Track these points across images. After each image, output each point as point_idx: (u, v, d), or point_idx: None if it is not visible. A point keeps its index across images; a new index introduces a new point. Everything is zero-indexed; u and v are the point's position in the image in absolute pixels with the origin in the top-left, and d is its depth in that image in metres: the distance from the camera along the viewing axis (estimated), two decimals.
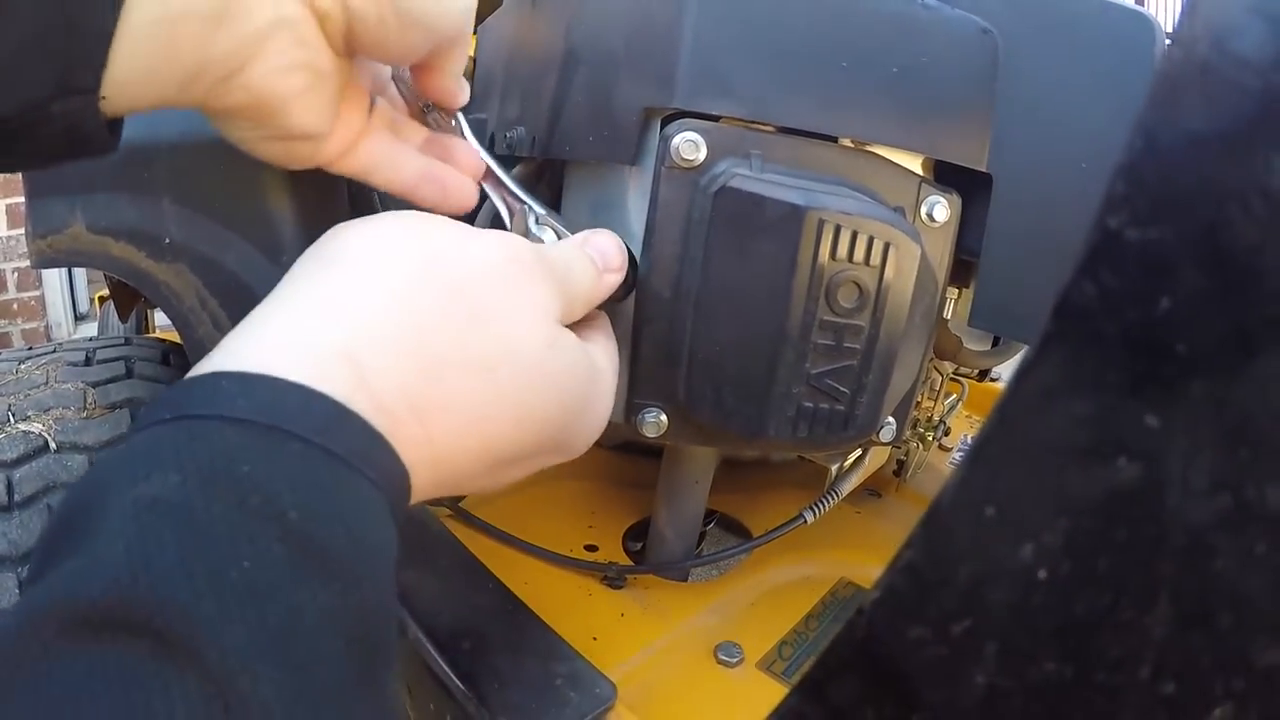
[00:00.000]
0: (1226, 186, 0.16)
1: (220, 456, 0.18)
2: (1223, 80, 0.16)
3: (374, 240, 0.25)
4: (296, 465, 0.19)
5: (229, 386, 0.20)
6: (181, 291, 0.54)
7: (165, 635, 0.16)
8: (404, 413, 0.23)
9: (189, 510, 0.17)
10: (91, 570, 0.16)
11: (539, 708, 0.38)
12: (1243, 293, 0.16)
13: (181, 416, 0.19)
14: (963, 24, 0.37)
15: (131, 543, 0.17)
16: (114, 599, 0.16)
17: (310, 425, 0.20)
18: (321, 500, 0.19)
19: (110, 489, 0.18)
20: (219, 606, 0.16)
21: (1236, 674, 0.16)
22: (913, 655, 0.18)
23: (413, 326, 0.23)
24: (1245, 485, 0.16)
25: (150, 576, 0.16)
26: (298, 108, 0.29)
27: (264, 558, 0.17)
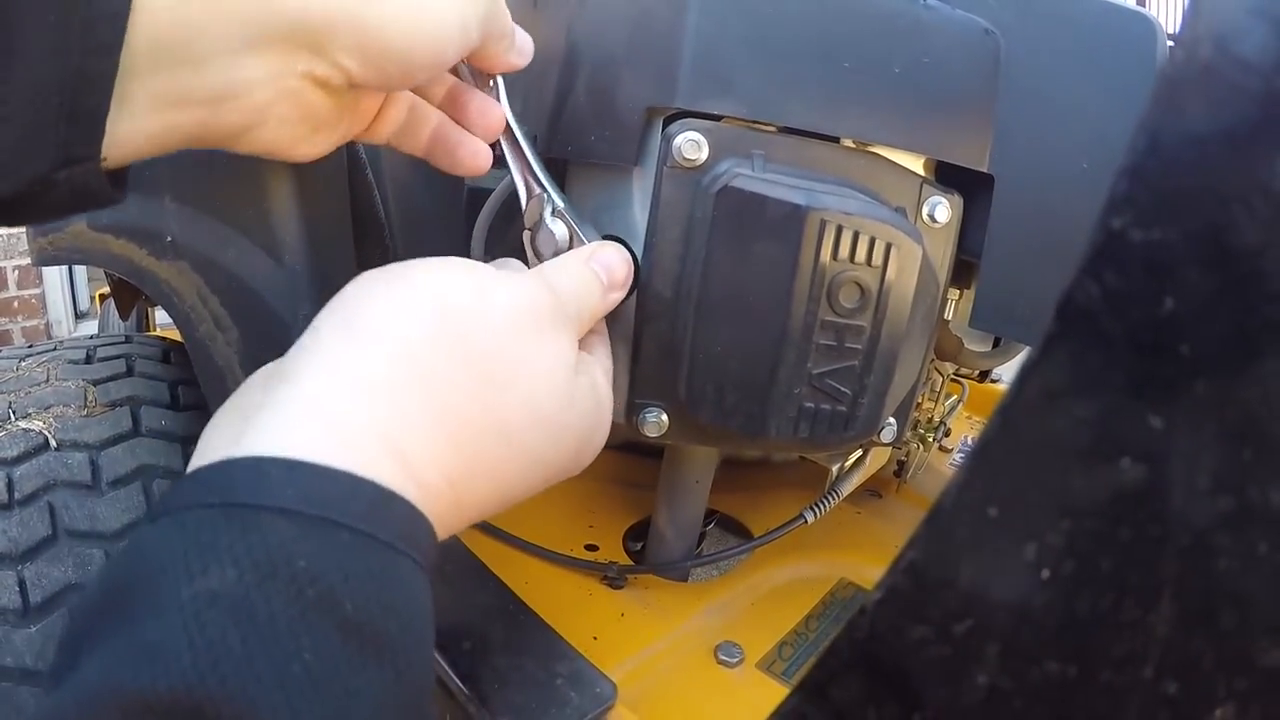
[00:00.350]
0: (1229, 187, 0.16)
1: (276, 550, 0.19)
2: (1225, 82, 0.16)
3: (395, 308, 0.25)
4: (347, 555, 0.20)
5: (276, 474, 0.21)
6: (182, 289, 0.54)
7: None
8: (438, 482, 0.24)
9: (249, 605, 0.18)
10: (155, 662, 0.17)
11: (539, 708, 0.38)
12: (1245, 294, 0.16)
13: (230, 504, 0.20)
14: (965, 24, 0.37)
15: (195, 638, 0.17)
16: (181, 692, 0.17)
17: (357, 513, 0.21)
18: (373, 589, 0.20)
19: (164, 576, 0.19)
20: (285, 698, 0.17)
21: (1239, 674, 0.16)
22: (915, 655, 0.18)
23: (441, 403, 0.24)
24: (1248, 486, 0.16)
25: (217, 671, 0.17)
26: (303, 148, 0.30)
27: (323, 649, 0.18)
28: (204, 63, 0.24)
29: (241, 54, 0.25)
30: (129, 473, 0.51)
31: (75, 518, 0.48)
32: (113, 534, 0.48)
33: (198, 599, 0.18)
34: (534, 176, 0.36)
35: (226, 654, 0.17)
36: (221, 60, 0.25)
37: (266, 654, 0.18)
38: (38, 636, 0.44)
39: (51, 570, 0.46)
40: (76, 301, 2.63)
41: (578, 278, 0.33)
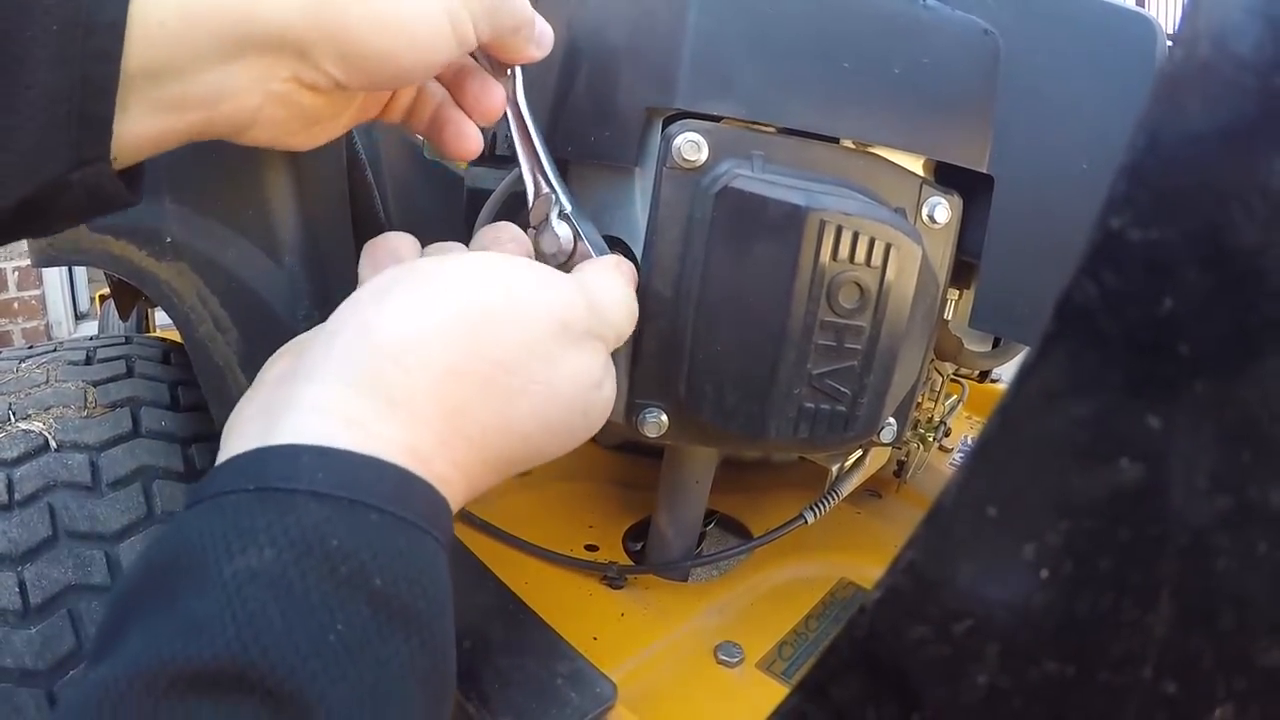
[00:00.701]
0: (1228, 187, 0.16)
1: (311, 531, 0.20)
2: (1224, 81, 0.16)
3: (415, 312, 0.26)
4: (376, 534, 0.21)
5: (307, 460, 0.22)
6: (182, 290, 0.54)
7: (276, 693, 0.18)
8: (449, 471, 0.25)
9: (287, 581, 0.20)
10: (200, 634, 0.18)
11: (539, 708, 0.38)
12: (1244, 293, 0.16)
13: (265, 489, 0.21)
14: (964, 25, 0.37)
15: (237, 611, 0.19)
16: (225, 661, 0.18)
17: (384, 494, 0.22)
18: (400, 565, 0.21)
19: (205, 556, 0.20)
20: (322, 666, 0.19)
21: (1238, 674, 0.16)
22: (914, 655, 0.18)
23: (462, 402, 0.25)
24: (1247, 485, 0.16)
25: (259, 643, 0.18)
26: (301, 139, 0.31)
27: (354, 620, 0.20)
28: (192, 72, 0.25)
29: (227, 63, 0.26)
30: (129, 474, 0.51)
31: (75, 518, 0.48)
32: (113, 535, 0.48)
33: (239, 576, 0.19)
34: (544, 175, 0.35)
35: (267, 626, 0.19)
36: (208, 70, 0.26)
37: (304, 626, 0.19)
38: (38, 637, 0.44)
39: (51, 571, 0.46)
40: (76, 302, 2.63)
41: (618, 293, 0.32)
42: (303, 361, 0.26)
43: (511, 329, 0.26)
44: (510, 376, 0.26)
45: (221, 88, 0.26)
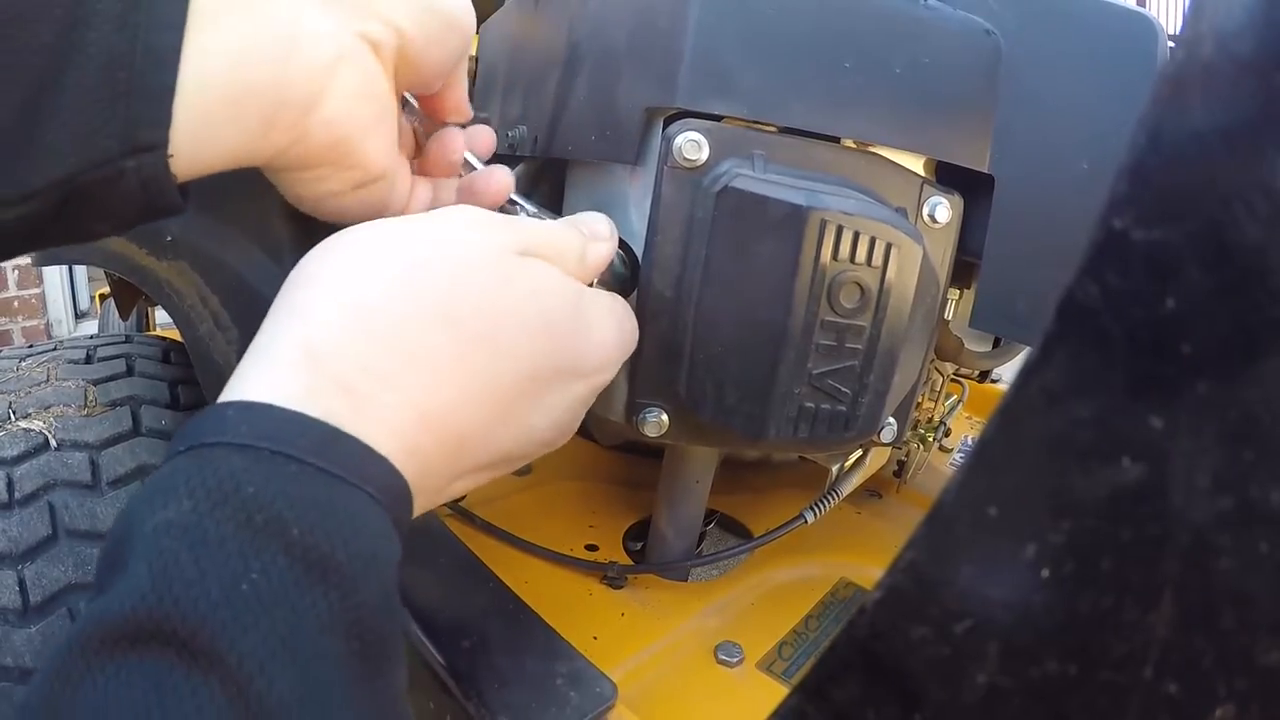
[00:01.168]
0: (1230, 187, 0.16)
1: (227, 480, 0.20)
2: (1225, 81, 0.16)
3: (354, 261, 0.25)
4: (295, 485, 0.21)
5: (233, 415, 0.22)
6: (182, 289, 0.54)
7: (189, 644, 0.18)
8: (404, 423, 0.24)
9: (202, 531, 0.19)
10: (123, 592, 0.18)
11: (539, 707, 0.38)
12: (1247, 293, 0.16)
13: (193, 446, 0.21)
14: (965, 25, 0.37)
15: (153, 564, 0.19)
16: (142, 614, 0.18)
17: (307, 447, 0.21)
18: (319, 516, 0.21)
19: (136, 520, 0.20)
20: (233, 615, 0.18)
21: (1239, 674, 0.16)
22: (915, 655, 0.18)
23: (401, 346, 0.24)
24: (1249, 486, 0.16)
25: (173, 592, 0.18)
26: (372, 141, 0.30)
27: (270, 570, 0.19)
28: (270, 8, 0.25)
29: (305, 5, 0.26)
30: (129, 472, 0.51)
31: (75, 517, 0.48)
32: None
33: (157, 530, 0.19)
34: (507, 200, 0.36)
35: (179, 575, 0.18)
36: (287, 8, 0.25)
37: (216, 574, 0.19)
38: (38, 636, 0.44)
39: (51, 570, 0.46)
40: (76, 301, 2.63)
41: (544, 224, 0.32)
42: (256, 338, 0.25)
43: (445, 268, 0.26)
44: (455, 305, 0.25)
45: (297, 28, 0.26)
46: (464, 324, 0.25)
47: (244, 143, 0.26)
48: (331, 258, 0.26)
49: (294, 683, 0.18)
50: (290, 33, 0.26)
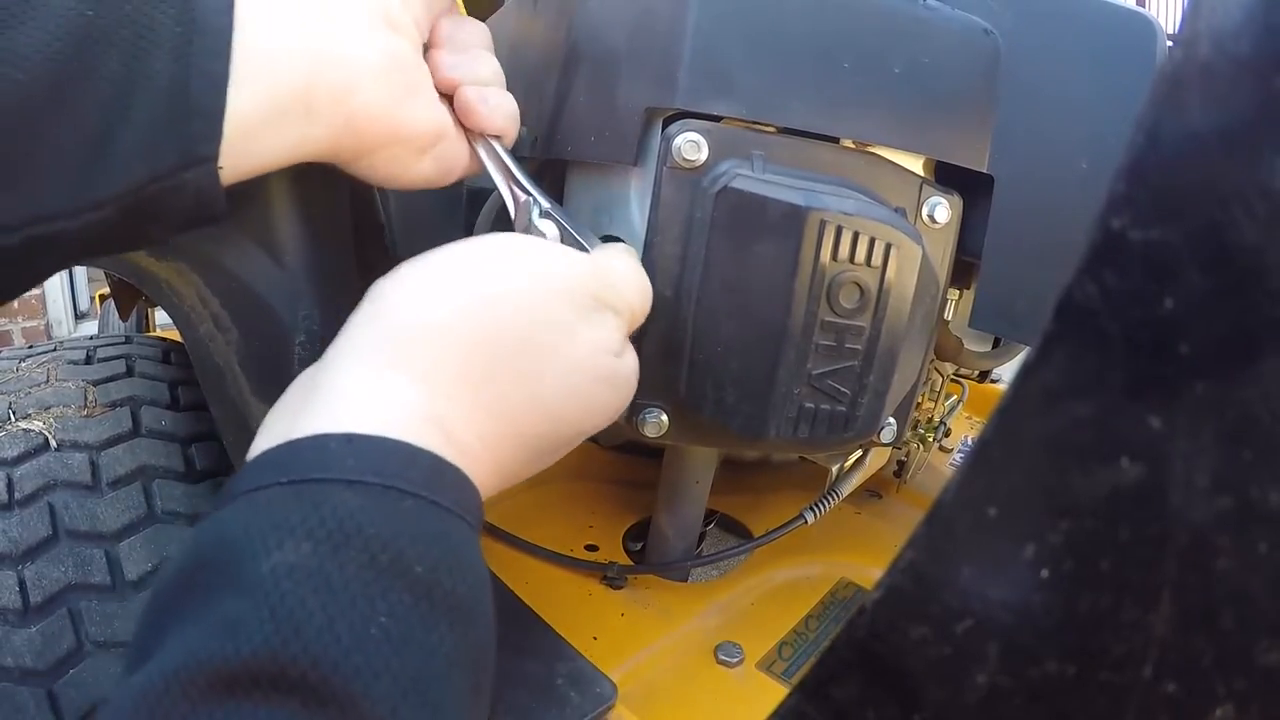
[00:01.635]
0: (1228, 187, 0.16)
1: (348, 521, 0.20)
2: (1224, 81, 0.16)
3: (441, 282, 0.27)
4: (412, 521, 0.21)
5: (337, 449, 0.22)
6: (182, 290, 0.54)
7: (319, 690, 0.18)
8: (478, 447, 0.25)
9: (326, 575, 0.19)
10: (236, 634, 0.18)
11: (539, 707, 0.38)
12: (1244, 293, 0.16)
13: (298, 480, 0.21)
14: (964, 25, 0.37)
15: (275, 608, 0.18)
16: (265, 659, 0.18)
17: (417, 480, 0.22)
18: (438, 550, 0.21)
19: (242, 554, 0.20)
20: (365, 660, 0.18)
21: (1238, 673, 0.16)
22: (914, 655, 0.18)
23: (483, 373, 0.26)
24: (1248, 485, 0.16)
25: (300, 638, 0.18)
26: (414, 108, 0.31)
27: (397, 610, 0.19)
28: (285, 14, 0.27)
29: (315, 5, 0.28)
30: (129, 473, 0.51)
31: (75, 518, 0.48)
32: (113, 534, 0.48)
33: (276, 571, 0.19)
34: (516, 182, 0.36)
35: (307, 621, 0.18)
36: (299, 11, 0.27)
37: (345, 619, 0.19)
38: (38, 636, 0.44)
39: (51, 570, 0.46)
40: (76, 302, 2.63)
41: (629, 270, 0.33)
42: (324, 359, 0.26)
43: (525, 299, 0.27)
44: (528, 345, 0.26)
45: (309, 26, 0.28)
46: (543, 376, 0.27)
47: (289, 145, 0.28)
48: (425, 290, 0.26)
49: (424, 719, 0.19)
50: (311, 33, 0.28)
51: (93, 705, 0.43)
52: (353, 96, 0.29)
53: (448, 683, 0.20)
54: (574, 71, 0.40)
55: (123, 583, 0.47)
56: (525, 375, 0.26)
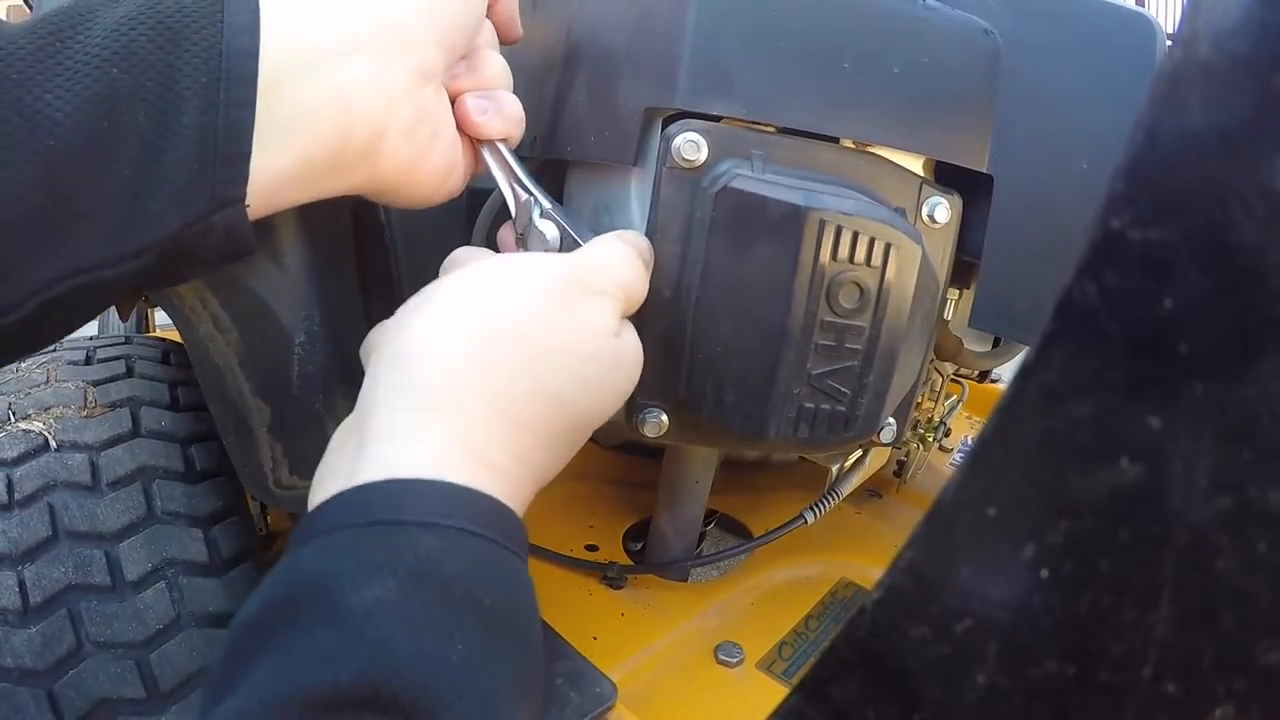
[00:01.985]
0: (1228, 187, 0.16)
1: (426, 560, 0.23)
2: (1223, 81, 0.16)
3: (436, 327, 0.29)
4: (479, 559, 0.24)
5: (407, 493, 0.24)
6: (182, 290, 0.54)
7: (409, 711, 0.20)
8: (510, 464, 0.28)
9: (409, 609, 0.22)
10: (333, 661, 0.20)
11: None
12: (1244, 293, 0.16)
13: (376, 522, 0.23)
14: (964, 25, 0.37)
15: (370, 639, 0.21)
16: (362, 685, 0.20)
17: (484, 523, 0.25)
18: (502, 585, 0.24)
19: (330, 589, 0.22)
20: (449, 683, 0.21)
21: (1238, 674, 0.16)
22: (914, 655, 0.18)
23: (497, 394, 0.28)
24: (1247, 485, 0.16)
25: (392, 664, 0.20)
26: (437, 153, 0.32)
27: (471, 639, 0.22)
28: (315, 72, 0.28)
29: (346, 60, 0.28)
30: (129, 473, 0.51)
31: (75, 518, 0.48)
32: (113, 534, 0.48)
33: (366, 605, 0.21)
34: (518, 182, 0.36)
35: (399, 650, 0.21)
36: (330, 67, 0.28)
37: (430, 648, 0.21)
38: (38, 636, 0.44)
39: (51, 571, 0.46)
40: None
41: (610, 249, 0.33)
42: (362, 399, 0.28)
43: (521, 313, 0.29)
44: (534, 351, 0.28)
45: (344, 88, 0.28)
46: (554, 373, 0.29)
47: (314, 191, 0.30)
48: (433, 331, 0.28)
49: None
50: (343, 92, 0.28)
51: (93, 705, 0.43)
52: (380, 154, 0.30)
53: (513, 700, 0.22)
54: (574, 71, 0.40)
55: (123, 583, 0.47)
56: (536, 376, 0.28)
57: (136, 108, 0.25)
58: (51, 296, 0.25)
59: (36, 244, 0.24)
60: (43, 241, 0.24)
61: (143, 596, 0.47)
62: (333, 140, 0.29)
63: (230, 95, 0.26)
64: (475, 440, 0.27)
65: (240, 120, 0.26)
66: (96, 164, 0.24)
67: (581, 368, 0.30)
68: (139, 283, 0.27)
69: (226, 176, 0.27)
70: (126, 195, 0.25)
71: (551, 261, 0.31)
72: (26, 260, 0.24)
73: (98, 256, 0.25)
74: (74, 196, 0.24)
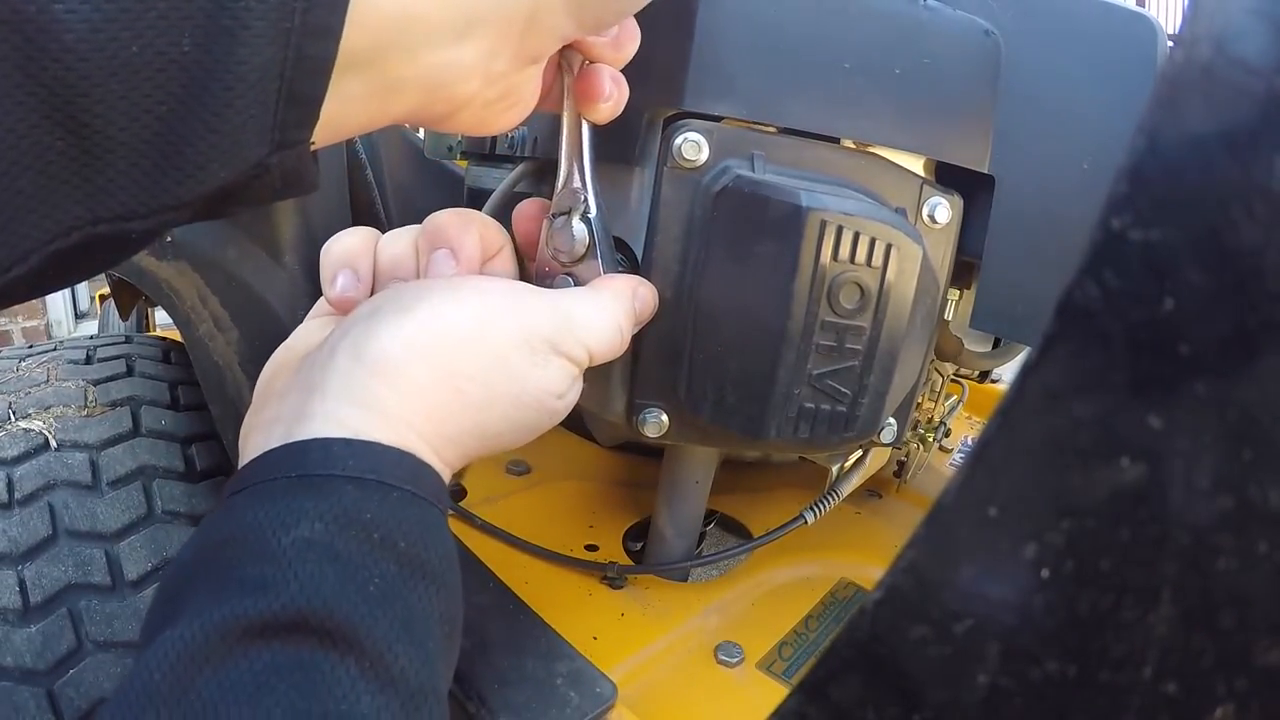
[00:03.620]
0: (1229, 188, 0.16)
1: (350, 508, 0.25)
2: (1225, 82, 0.16)
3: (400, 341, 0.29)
4: (398, 508, 0.26)
5: (339, 451, 0.27)
6: (182, 290, 0.54)
7: (334, 634, 0.23)
8: (439, 464, 0.30)
9: (334, 548, 0.24)
10: (266, 592, 0.23)
11: (539, 708, 0.38)
12: (1245, 294, 0.16)
13: (306, 475, 0.26)
14: (965, 25, 0.37)
15: (299, 573, 0.23)
16: (293, 612, 0.22)
17: (402, 477, 0.27)
18: (417, 530, 0.26)
19: (263, 531, 0.24)
20: (368, 609, 0.23)
21: (1239, 674, 0.16)
22: (915, 655, 0.18)
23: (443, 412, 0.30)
24: (1248, 485, 0.16)
25: (320, 595, 0.23)
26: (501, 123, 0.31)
27: (388, 575, 0.25)
28: (420, 49, 0.25)
29: (456, 44, 0.26)
30: (129, 473, 0.51)
31: (75, 518, 0.48)
32: (113, 534, 0.48)
33: (296, 544, 0.24)
34: (580, 168, 0.35)
35: (324, 582, 0.23)
36: (435, 52, 0.25)
37: (351, 581, 0.24)
38: (38, 636, 0.44)
39: (51, 570, 0.46)
40: (76, 301, 2.64)
41: (600, 312, 0.33)
42: (310, 378, 0.29)
43: (481, 347, 0.30)
44: (482, 390, 0.30)
45: (445, 71, 0.26)
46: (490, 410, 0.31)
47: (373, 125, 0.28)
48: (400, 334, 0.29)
49: (412, 657, 0.24)
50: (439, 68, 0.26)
51: (93, 705, 0.43)
52: (452, 119, 0.30)
53: (426, 628, 0.25)
54: None
55: (123, 583, 0.47)
56: (475, 411, 0.30)
57: (178, 30, 0.20)
58: (64, 247, 0.21)
59: (46, 190, 0.20)
60: (53, 187, 0.20)
61: (143, 596, 0.47)
62: (412, 105, 0.27)
63: (309, 22, 0.21)
64: (412, 446, 0.29)
65: (318, 55, 0.22)
66: (120, 99, 0.20)
67: (520, 418, 0.32)
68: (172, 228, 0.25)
69: (293, 119, 0.23)
70: (162, 141, 0.21)
71: (535, 312, 0.31)
72: (34, 209, 0.20)
73: (121, 208, 0.21)
74: (89, 139, 0.20)
